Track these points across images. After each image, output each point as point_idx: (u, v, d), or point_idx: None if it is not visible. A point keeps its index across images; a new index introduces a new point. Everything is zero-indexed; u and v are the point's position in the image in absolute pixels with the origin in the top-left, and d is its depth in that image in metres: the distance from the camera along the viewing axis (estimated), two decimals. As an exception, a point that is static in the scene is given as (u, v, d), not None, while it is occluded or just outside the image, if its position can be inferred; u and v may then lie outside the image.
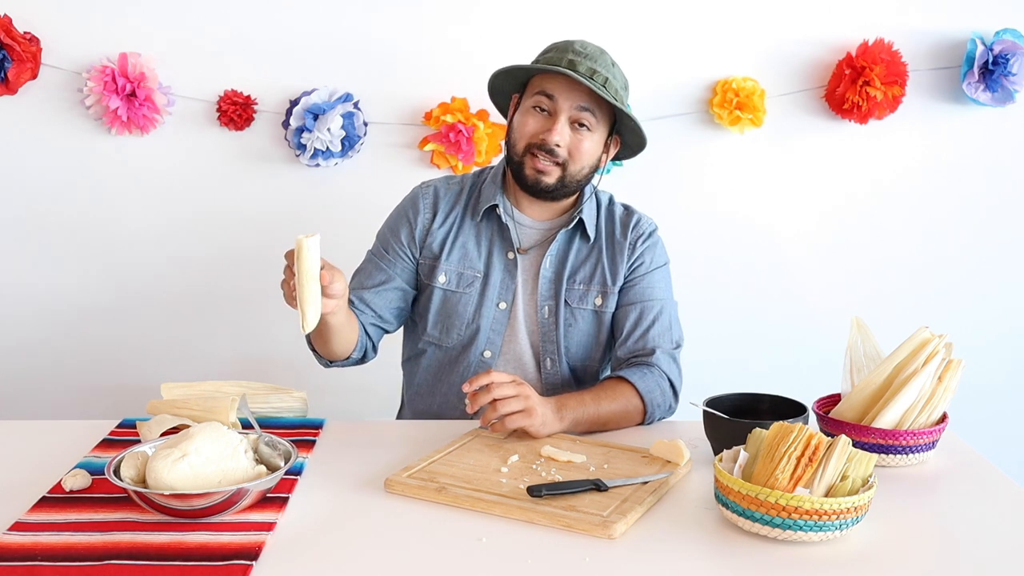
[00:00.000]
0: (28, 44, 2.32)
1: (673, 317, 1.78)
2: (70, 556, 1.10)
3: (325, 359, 1.74)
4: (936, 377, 1.47)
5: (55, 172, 2.44)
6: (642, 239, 1.79)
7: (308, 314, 1.40)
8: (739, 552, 1.16)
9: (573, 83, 1.64)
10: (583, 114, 1.66)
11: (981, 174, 2.48)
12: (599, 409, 1.59)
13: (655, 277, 1.78)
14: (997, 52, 2.31)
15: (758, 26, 2.41)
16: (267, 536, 1.16)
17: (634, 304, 1.75)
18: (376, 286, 1.76)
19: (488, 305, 1.75)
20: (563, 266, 1.76)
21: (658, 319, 1.74)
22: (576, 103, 1.65)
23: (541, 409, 1.50)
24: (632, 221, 1.80)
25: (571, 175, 1.69)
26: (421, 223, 1.78)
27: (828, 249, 2.53)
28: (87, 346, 2.53)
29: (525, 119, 1.70)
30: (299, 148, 2.38)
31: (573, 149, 1.68)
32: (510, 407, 1.47)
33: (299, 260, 1.37)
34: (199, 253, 2.50)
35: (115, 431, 1.56)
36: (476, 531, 1.20)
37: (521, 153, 1.70)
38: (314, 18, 2.38)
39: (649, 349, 1.72)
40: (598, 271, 1.76)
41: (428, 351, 1.81)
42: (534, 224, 1.78)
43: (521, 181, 1.71)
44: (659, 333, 1.74)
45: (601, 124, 1.70)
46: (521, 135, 1.70)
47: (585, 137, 1.68)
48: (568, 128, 1.67)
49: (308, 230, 1.39)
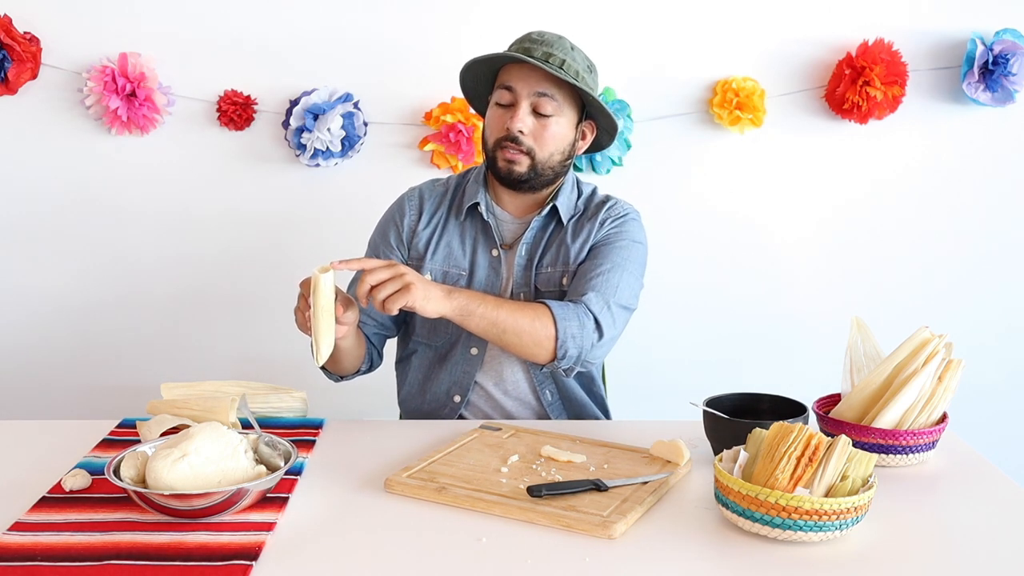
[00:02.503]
0: (28, 44, 2.32)
1: (624, 282, 1.68)
2: (70, 556, 1.10)
3: (336, 375, 1.76)
4: (936, 377, 1.47)
5: (55, 172, 2.44)
6: (612, 218, 1.75)
7: (322, 347, 1.43)
8: (739, 552, 1.16)
9: (530, 70, 1.65)
10: (542, 100, 1.66)
11: (981, 174, 2.48)
12: (499, 311, 1.55)
13: (620, 245, 1.71)
14: (997, 52, 2.31)
15: (758, 26, 2.41)
16: (267, 536, 1.16)
17: (588, 261, 1.70)
18: None
19: None
20: (534, 253, 1.75)
21: (605, 275, 1.66)
22: (534, 89, 1.65)
23: (422, 285, 1.47)
24: (607, 204, 1.77)
25: (541, 162, 1.68)
26: (407, 224, 1.79)
27: (828, 249, 2.53)
28: (87, 346, 2.53)
29: (492, 115, 1.71)
30: (299, 148, 2.38)
31: (537, 136, 1.67)
32: (387, 290, 1.44)
33: (315, 295, 1.40)
34: (199, 253, 2.50)
35: (115, 431, 1.56)
36: (476, 531, 1.20)
37: (492, 148, 1.71)
38: (314, 18, 2.38)
39: (581, 292, 1.64)
40: (561, 251, 1.74)
41: (418, 351, 1.81)
42: (514, 220, 1.78)
43: (496, 174, 1.72)
44: (601, 283, 1.65)
45: (567, 108, 1.68)
46: (491, 132, 1.71)
47: (550, 123, 1.67)
48: (530, 116, 1.66)
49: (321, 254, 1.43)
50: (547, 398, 1.76)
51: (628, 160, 2.45)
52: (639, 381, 2.38)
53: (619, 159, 2.44)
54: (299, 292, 1.51)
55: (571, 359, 1.61)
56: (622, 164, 2.45)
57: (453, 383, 1.77)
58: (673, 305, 2.51)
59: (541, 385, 1.75)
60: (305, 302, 1.47)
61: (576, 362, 1.62)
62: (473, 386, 1.76)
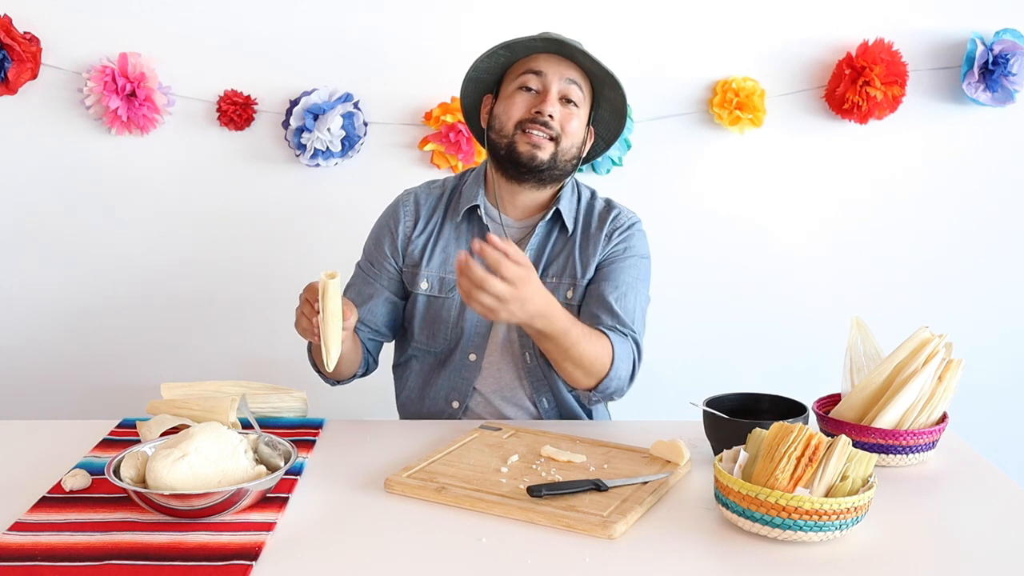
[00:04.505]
0: (28, 44, 2.32)
1: (639, 306, 1.70)
2: (70, 556, 1.10)
3: (332, 379, 1.76)
4: (936, 377, 1.47)
5: (55, 172, 2.44)
6: (619, 230, 1.74)
7: (332, 352, 1.44)
8: (739, 552, 1.16)
9: (559, 58, 1.65)
10: (572, 87, 1.65)
11: (981, 174, 2.48)
12: (579, 344, 1.51)
13: (628, 263, 1.71)
14: (997, 52, 2.31)
15: (758, 26, 2.41)
16: (267, 536, 1.16)
17: (601, 283, 1.69)
18: (367, 301, 1.75)
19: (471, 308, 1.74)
20: (539, 260, 1.73)
21: (623, 299, 1.66)
22: (565, 76, 1.65)
23: (507, 315, 1.40)
24: (611, 215, 1.76)
25: (563, 151, 1.66)
26: (402, 232, 1.77)
27: (828, 248, 2.53)
28: (87, 346, 2.53)
29: (512, 101, 1.67)
30: (299, 148, 2.38)
31: (564, 123, 1.66)
32: (481, 300, 1.37)
33: (325, 301, 1.41)
34: (199, 253, 2.50)
35: (115, 431, 1.56)
36: (476, 531, 1.20)
37: (512, 132, 1.66)
38: (314, 18, 2.38)
39: (624, 321, 1.63)
40: (569, 264, 1.72)
41: (416, 356, 1.80)
42: (515, 223, 1.76)
43: (514, 159, 1.66)
44: (628, 312, 1.66)
45: (585, 105, 1.69)
46: (509, 116, 1.67)
47: (574, 114, 1.67)
48: (558, 104, 1.66)
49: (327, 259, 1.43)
50: (543, 405, 1.75)
51: (628, 160, 2.45)
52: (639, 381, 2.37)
53: (619, 159, 2.44)
54: (303, 297, 1.50)
55: (604, 394, 1.61)
56: (622, 164, 2.45)
57: (452, 389, 1.76)
58: (672, 305, 2.51)
59: (538, 393, 1.74)
60: (311, 308, 1.47)
61: (605, 397, 1.63)
62: (472, 392, 1.75)
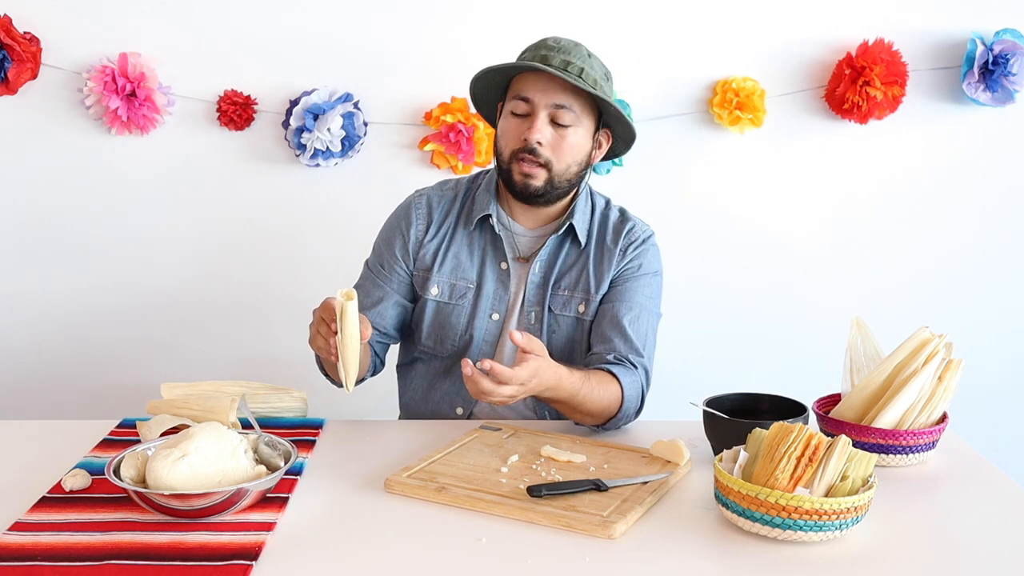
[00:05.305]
0: (28, 44, 2.32)
1: (651, 327, 1.71)
2: (70, 556, 1.10)
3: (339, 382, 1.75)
4: (936, 377, 1.47)
5: (55, 172, 2.44)
6: (634, 245, 1.73)
7: (351, 373, 1.44)
8: (739, 552, 1.16)
9: (547, 80, 1.61)
10: (560, 111, 1.62)
11: (981, 174, 2.48)
12: (587, 401, 1.53)
13: (642, 282, 1.72)
14: (997, 52, 2.31)
15: (758, 26, 2.41)
16: (267, 536, 1.16)
17: (615, 303, 1.69)
18: (376, 304, 1.74)
19: (481, 316, 1.73)
20: (551, 272, 1.72)
21: (636, 322, 1.68)
22: (552, 100, 1.61)
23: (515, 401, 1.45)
24: (626, 228, 1.74)
25: (558, 174, 1.65)
26: (414, 235, 1.75)
27: (828, 249, 2.53)
28: (87, 346, 2.53)
29: (506, 126, 1.67)
30: (299, 148, 2.38)
31: (555, 147, 1.63)
32: (491, 402, 1.41)
33: (344, 323, 1.40)
34: (199, 253, 2.50)
35: (115, 431, 1.56)
36: (476, 531, 1.20)
37: (508, 160, 1.66)
38: (314, 18, 2.38)
39: (637, 348, 1.66)
40: (582, 278, 1.72)
41: (422, 359, 1.80)
42: (528, 232, 1.75)
43: (511, 188, 1.68)
44: (641, 335, 1.68)
45: (584, 118, 1.65)
46: (505, 143, 1.67)
47: (568, 133, 1.63)
48: (548, 127, 1.63)
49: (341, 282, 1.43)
50: (547, 417, 1.75)
51: (628, 160, 2.44)
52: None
53: (619, 159, 2.44)
54: (318, 315, 1.49)
55: (612, 429, 1.62)
56: (622, 164, 2.45)
57: (457, 395, 1.75)
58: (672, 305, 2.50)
59: (543, 405, 1.73)
60: (327, 327, 1.46)
61: (611, 429, 1.63)
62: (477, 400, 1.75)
